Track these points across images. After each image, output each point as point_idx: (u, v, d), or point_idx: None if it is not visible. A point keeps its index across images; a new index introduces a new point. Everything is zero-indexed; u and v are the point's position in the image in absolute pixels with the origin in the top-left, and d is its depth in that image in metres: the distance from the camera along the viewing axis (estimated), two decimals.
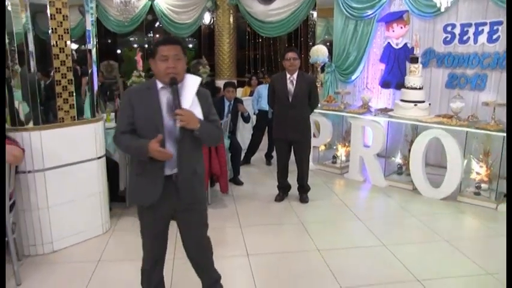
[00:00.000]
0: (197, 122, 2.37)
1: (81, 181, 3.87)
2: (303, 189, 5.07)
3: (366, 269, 3.50)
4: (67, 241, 3.83)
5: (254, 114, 6.80)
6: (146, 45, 14.98)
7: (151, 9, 9.91)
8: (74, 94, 3.70)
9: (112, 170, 4.53)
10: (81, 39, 3.81)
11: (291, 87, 4.73)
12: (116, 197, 4.77)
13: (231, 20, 10.18)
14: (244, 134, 7.08)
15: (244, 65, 13.04)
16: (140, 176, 2.46)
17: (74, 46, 3.72)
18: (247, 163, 6.63)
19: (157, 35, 15.60)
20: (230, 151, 5.56)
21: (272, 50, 13.25)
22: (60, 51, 3.56)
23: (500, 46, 5.64)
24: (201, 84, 2.52)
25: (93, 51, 3.92)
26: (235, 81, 9.80)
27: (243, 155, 6.17)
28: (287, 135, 4.82)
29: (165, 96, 2.40)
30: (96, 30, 3.98)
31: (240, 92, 9.17)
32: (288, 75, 4.75)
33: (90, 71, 3.88)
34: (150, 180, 2.44)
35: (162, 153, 2.31)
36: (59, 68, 3.56)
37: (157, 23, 12.51)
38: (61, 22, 3.52)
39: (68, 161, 3.74)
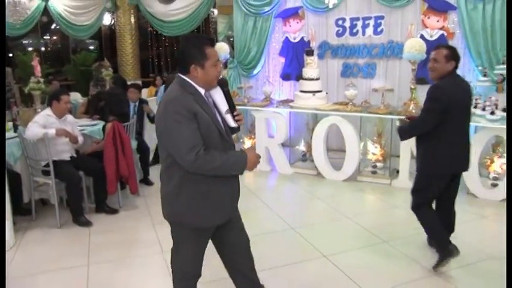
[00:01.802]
0: None
1: None
2: None
3: (275, 253, 3.67)
4: None
5: None
6: (43, 48, 14.19)
7: (46, 10, 9.40)
8: None
9: (14, 181, 4.27)
10: None
11: None
12: (20, 209, 4.51)
13: (132, 20, 9.97)
14: (152, 134, 6.96)
15: (148, 65, 12.84)
16: (213, 192, 2.24)
17: None
18: (157, 163, 6.57)
19: (54, 37, 14.82)
20: (138, 152, 5.51)
21: (176, 49, 13.19)
22: None
23: (384, 38, 6.25)
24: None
25: None
26: (141, 82, 9.64)
27: (151, 155, 6.13)
28: None
29: (209, 100, 2.27)
30: None
31: (145, 92, 9.04)
32: None
33: None
34: (228, 190, 2.32)
35: (257, 158, 2.26)
36: None
37: (54, 25, 11.87)
38: None
39: None
